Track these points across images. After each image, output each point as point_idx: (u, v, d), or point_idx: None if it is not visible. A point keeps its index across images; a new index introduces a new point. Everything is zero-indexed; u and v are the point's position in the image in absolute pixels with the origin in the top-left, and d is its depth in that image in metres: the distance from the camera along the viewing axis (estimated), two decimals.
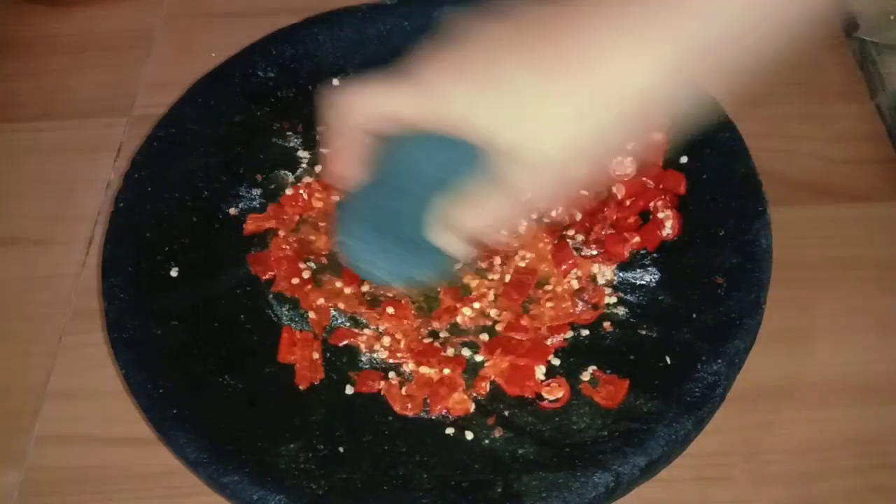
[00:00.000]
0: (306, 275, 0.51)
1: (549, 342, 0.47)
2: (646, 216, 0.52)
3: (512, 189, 0.37)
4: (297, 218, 0.54)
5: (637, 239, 0.50)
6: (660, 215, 0.51)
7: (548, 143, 0.35)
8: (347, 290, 0.50)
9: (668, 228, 0.51)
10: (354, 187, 0.40)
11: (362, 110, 0.38)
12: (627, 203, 0.52)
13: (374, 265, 0.40)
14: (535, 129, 0.35)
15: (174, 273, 0.50)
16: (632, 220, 0.51)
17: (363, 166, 0.39)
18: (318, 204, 0.54)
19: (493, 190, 0.37)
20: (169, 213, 0.52)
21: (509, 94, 0.35)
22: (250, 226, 0.53)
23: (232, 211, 0.54)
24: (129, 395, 0.44)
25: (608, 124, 0.35)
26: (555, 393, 0.45)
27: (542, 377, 0.46)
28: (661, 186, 0.52)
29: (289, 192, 0.55)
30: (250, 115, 0.57)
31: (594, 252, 0.51)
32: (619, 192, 0.52)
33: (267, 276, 0.51)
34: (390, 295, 0.50)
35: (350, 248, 0.40)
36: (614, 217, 0.51)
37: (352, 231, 0.40)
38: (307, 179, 0.55)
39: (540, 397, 0.45)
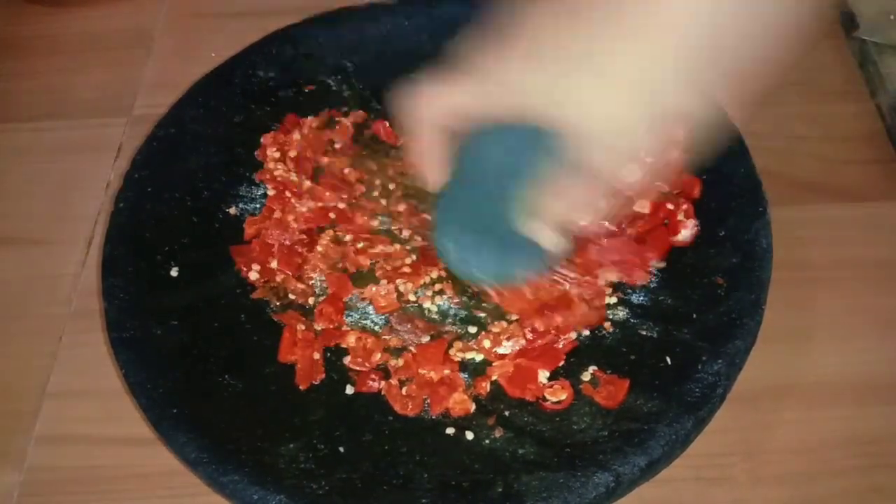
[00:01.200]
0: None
1: (559, 345, 0.47)
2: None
3: (590, 169, 0.36)
4: None
5: (660, 265, 0.49)
6: (680, 226, 0.50)
7: (611, 113, 0.34)
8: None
9: (685, 236, 0.50)
10: (442, 187, 0.40)
11: (431, 110, 0.38)
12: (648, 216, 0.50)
13: (471, 265, 0.40)
14: (597, 99, 0.34)
15: (174, 273, 0.50)
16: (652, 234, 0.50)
17: (445, 165, 0.39)
18: None
19: (572, 173, 0.36)
20: (169, 213, 0.52)
21: (564, 68, 0.34)
22: (249, 230, 0.53)
23: (232, 211, 0.54)
24: (129, 395, 0.44)
25: (666, 83, 0.34)
26: (558, 395, 0.45)
27: (545, 380, 0.46)
28: (675, 192, 0.51)
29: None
30: (250, 115, 0.57)
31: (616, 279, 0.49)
32: (643, 207, 0.49)
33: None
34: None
35: (447, 251, 0.40)
36: (637, 232, 0.50)
37: (446, 232, 0.40)
38: None
39: (542, 398, 0.45)
